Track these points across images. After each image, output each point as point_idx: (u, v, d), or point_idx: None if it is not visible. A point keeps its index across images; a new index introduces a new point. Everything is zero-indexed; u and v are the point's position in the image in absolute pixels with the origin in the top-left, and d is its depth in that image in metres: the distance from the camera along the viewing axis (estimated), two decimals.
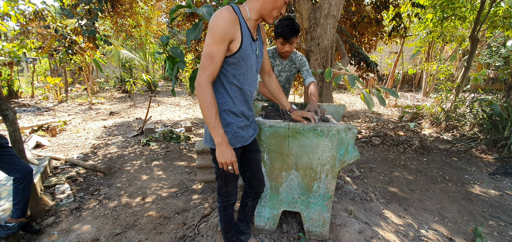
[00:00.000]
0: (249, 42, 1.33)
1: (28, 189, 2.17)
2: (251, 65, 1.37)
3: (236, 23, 1.25)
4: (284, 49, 2.15)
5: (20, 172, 2.10)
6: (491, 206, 3.09)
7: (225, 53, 1.27)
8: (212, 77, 1.26)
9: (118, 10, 4.72)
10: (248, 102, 1.43)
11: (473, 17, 6.25)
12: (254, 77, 1.43)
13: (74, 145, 4.94)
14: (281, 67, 2.39)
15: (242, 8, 1.33)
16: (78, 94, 11.51)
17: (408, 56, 13.72)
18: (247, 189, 1.69)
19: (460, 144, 5.09)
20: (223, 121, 1.38)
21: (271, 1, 1.28)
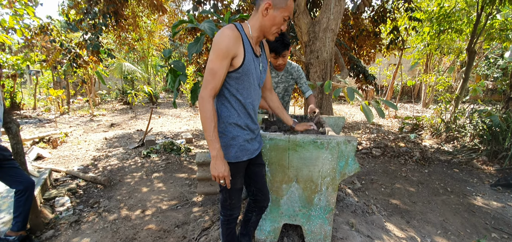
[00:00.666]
0: (252, 58, 1.38)
1: (29, 202, 2.17)
2: (253, 80, 1.40)
3: (239, 40, 1.30)
4: (277, 63, 2.24)
5: (22, 184, 2.10)
6: (493, 218, 3.06)
7: (227, 69, 1.30)
8: (214, 92, 1.30)
9: (122, 25, 4.82)
10: (251, 116, 1.45)
11: (469, 30, 6.35)
12: (257, 92, 1.46)
13: (75, 156, 4.94)
14: (278, 79, 2.46)
15: (245, 25, 1.38)
16: (80, 106, 11.58)
17: (406, 67, 13.85)
18: (251, 203, 1.69)
19: (461, 155, 5.08)
20: (229, 133, 1.40)
21: (270, 18, 1.32)
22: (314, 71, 3.96)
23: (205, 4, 4.65)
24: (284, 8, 1.30)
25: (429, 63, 9.72)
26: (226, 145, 1.41)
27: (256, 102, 1.47)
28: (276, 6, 1.30)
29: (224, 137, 1.40)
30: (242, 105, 1.39)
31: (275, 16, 1.31)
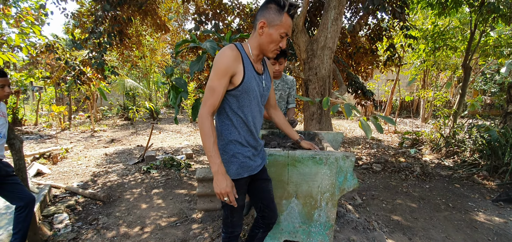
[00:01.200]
0: (253, 76, 1.41)
1: (29, 218, 2.16)
2: (254, 97, 1.43)
3: (238, 59, 1.34)
4: (275, 69, 2.41)
5: (23, 201, 2.11)
6: (496, 234, 3.03)
7: (226, 87, 1.34)
8: (212, 108, 1.33)
9: (126, 43, 4.94)
10: (253, 132, 1.46)
11: (464, 47, 6.50)
12: (258, 109, 1.48)
13: (75, 172, 4.93)
14: (275, 86, 2.60)
15: (245, 45, 1.43)
16: (81, 122, 11.63)
17: (405, 83, 14.01)
18: (258, 219, 1.65)
19: (462, 170, 5.07)
20: (230, 151, 1.42)
21: (266, 36, 1.35)
22: (313, 87, 4.03)
23: (207, 24, 4.79)
24: (278, 25, 1.32)
25: (427, 79, 9.85)
26: (227, 162, 1.42)
27: (257, 120, 1.48)
28: (270, 24, 1.32)
29: (225, 154, 1.42)
30: (243, 122, 1.41)
31: (271, 34, 1.33)
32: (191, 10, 7.46)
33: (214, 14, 5.00)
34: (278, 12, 1.31)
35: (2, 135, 2.07)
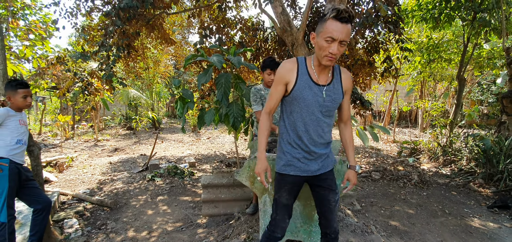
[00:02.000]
0: (307, 85, 1.50)
1: (45, 221, 2.30)
2: (306, 105, 1.51)
3: (292, 70, 1.52)
4: (271, 78, 2.67)
5: (41, 204, 2.25)
6: (490, 238, 3.14)
7: (282, 93, 1.56)
8: (268, 109, 1.60)
9: (132, 56, 5.16)
10: (301, 138, 1.54)
11: (458, 59, 6.72)
12: (312, 117, 1.53)
13: (81, 180, 5.06)
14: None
15: (309, 58, 1.57)
16: (84, 132, 11.78)
17: (403, 93, 14.23)
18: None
19: (458, 178, 5.19)
20: (283, 147, 1.62)
21: (317, 46, 1.46)
22: None
23: (211, 38, 5.01)
24: (322, 32, 1.37)
25: (424, 89, 10.07)
26: (278, 155, 1.64)
27: (311, 127, 1.54)
28: (318, 33, 1.44)
29: (280, 148, 1.63)
30: (293, 126, 1.57)
31: (318, 42, 1.41)
32: (194, 24, 7.73)
33: (218, 28, 5.23)
34: (323, 21, 1.39)
35: (23, 142, 2.23)
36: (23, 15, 6.37)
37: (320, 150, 1.59)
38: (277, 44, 6.18)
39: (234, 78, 3.09)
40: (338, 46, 1.37)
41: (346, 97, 1.63)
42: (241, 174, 1.90)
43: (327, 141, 1.61)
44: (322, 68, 1.51)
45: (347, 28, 1.36)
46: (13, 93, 2.20)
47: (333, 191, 1.62)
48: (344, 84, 1.58)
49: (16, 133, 2.17)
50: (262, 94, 2.76)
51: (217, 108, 3.07)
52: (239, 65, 2.67)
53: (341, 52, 1.40)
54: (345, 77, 1.59)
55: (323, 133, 1.57)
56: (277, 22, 4.44)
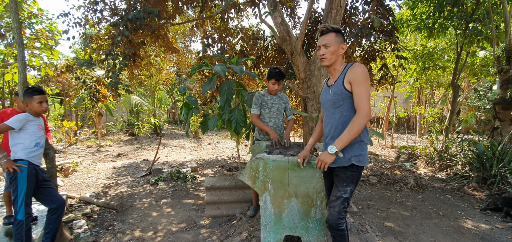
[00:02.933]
0: (324, 90, 1.93)
1: (59, 220, 2.45)
2: (323, 104, 1.92)
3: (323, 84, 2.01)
4: (274, 88, 2.93)
5: (55, 203, 2.40)
6: (481, 238, 3.28)
7: None
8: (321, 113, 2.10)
9: (137, 64, 5.36)
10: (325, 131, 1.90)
11: (453, 67, 6.93)
12: (327, 113, 1.86)
13: (86, 184, 5.20)
14: (272, 101, 3.04)
15: None
16: (87, 137, 11.95)
17: (401, 100, 14.43)
18: None
19: (453, 182, 5.33)
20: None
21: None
22: (311, 104, 4.39)
23: (213, 46, 5.22)
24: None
25: (421, 96, 10.26)
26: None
27: (327, 121, 1.87)
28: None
29: None
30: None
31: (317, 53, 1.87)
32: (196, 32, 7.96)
33: (220, 37, 5.45)
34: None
35: (41, 145, 2.40)
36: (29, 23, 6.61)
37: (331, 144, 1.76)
38: (277, 53, 6.40)
39: (236, 85, 3.28)
40: (323, 49, 1.79)
41: (354, 88, 1.69)
42: (244, 174, 2.07)
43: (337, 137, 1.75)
44: (331, 71, 1.87)
45: (325, 37, 1.79)
46: (29, 100, 2.38)
47: (337, 188, 1.77)
48: (346, 76, 1.74)
49: (34, 137, 2.34)
50: (264, 100, 2.98)
51: (220, 114, 3.24)
52: (241, 73, 2.86)
53: (329, 52, 1.77)
54: (349, 70, 1.74)
55: (334, 128, 1.80)
56: (277, 31, 4.65)
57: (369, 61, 5.94)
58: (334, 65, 1.82)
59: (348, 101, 1.73)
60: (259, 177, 2.05)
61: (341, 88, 1.74)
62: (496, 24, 5.94)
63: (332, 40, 1.76)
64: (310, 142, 2.05)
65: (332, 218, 1.74)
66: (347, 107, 1.74)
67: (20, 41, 2.47)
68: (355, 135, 1.67)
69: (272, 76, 2.86)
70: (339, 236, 1.78)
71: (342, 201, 1.74)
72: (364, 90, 1.66)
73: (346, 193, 1.75)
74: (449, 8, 5.93)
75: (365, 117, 1.65)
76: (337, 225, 1.75)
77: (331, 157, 1.70)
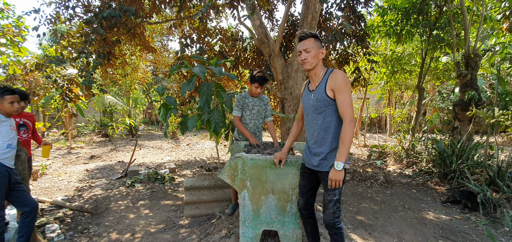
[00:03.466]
0: (305, 94, 2.01)
1: (33, 223, 2.36)
2: (304, 109, 2.00)
3: (304, 86, 2.10)
4: (257, 91, 2.98)
5: (28, 206, 2.32)
6: (441, 228, 3.61)
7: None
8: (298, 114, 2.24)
9: (112, 63, 5.21)
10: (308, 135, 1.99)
11: (418, 71, 7.48)
12: (309, 117, 1.95)
13: (57, 188, 4.97)
14: (253, 103, 3.11)
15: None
16: (56, 139, 11.29)
17: (374, 101, 15.19)
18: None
19: (419, 178, 5.77)
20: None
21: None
22: (288, 105, 4.55)
23: (192, 47, 5.21)
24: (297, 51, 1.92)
25: (391, 97, 10.90)
26: None
27: (310, 125, 1.95)
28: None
29: None
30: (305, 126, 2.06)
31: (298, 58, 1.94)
32: (174, 32, 7.86)
33: (199, 38, 5.45)
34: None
35: (13, 147, 2.30)
36: None
37: (315, 148, 1.90)
38: (255, 54, 6.52)
39: (215, 86, 3.33)
40: (304, 53, 1.86)
41: (337, 96, 1.77)
42: (223, 172, 2.14)
43: (323, 142, 1.85)
44: (311, 76, 1.93)
45: (305, 42, 1.87)
46: (0, 100, 2.28)
47: (327, 192, 1.87)
48: (328, 84, 1.81)
49: (6, 138, 2.25)
50: (246, 102, 3.05)
51: (199, 115, 3.28)
52: (220, 75, 2.92)
53: (310, 56, 1.84)
54: (330, 77, 1.81)
55: (317, 132, 1.88)
56: (255, 34, 4.76)
57: (343, 64, 6.25)
58: (315, 70, 1.88)
59: (331, 107, 1.81)
60: (238, 175, 2.13)
61: (323, 95, 1.81)
62: (456, 32, 6.51)
63: (312, 44, 1.83)
64: (288, 144, 2.15)
65: (328, 219, 1.88)
66: (330, 113, 1.82)
67: None
68: (350, 143, 1.75)
69: (255, 80, 2.91)
70: (336, 234, 1.91)
71: (334, 203, 1.86)
72: (347, 98, 1.75)
73: (335, 195, 1.86)
74: (415, 16, 6.41)
75: (352, 124, 1.74)
76: (334, 224, 1.89)
77: (341, 173, 1.75)
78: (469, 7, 6.14)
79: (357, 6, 5.50)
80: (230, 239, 2.40)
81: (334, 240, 1.94)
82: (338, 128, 1.82)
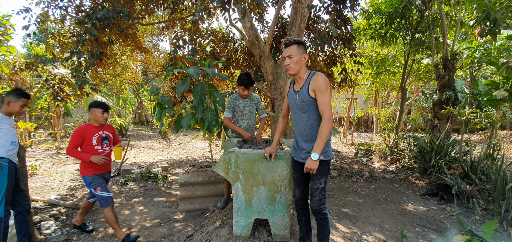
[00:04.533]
0: (290, 94, 2.18)
1: (28, 221, 2.47)
2: (291, 107, 2.18)
3: (288, 85, 2.28)
4: (244, 93, 3.11)
5: (24, 206, 2.42)
6: (419, 218, 3.90)
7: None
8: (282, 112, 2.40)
9: (104, 63, 5.26)
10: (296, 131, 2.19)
11: (401, 72, 7.86)
12: (296, 115, 2.14)
13: (49, 187, 4.98)
14: (244, 104, 3.26)
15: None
16: (43, 140, 11.10)
17: (361, 101, 15.65)
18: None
19: (401, 173, 6.10)
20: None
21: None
22: (278, 104, 4.75)
23: (184, 48, 5.33)
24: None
25: (378, 97, 11.32)
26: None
27: (297, 122, 2.15)
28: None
29: None
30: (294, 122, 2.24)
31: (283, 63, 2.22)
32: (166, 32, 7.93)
33: (191, 39, 5.58)
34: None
35: (16, 144, 2.39)
36: None
37: (302, 143, 2.12)
38: (246, 55, 6.70)
39: (209, 87, 3.49)
40: (287, 59, 2.06)
41: (318, 96, 1.98)
42: (218, 166, 2.31)
43: (308, 138, 2.07)
44: (296, 79, 2.13)
45: (289, 49, 2.06)
46: (15, 100, 2.40)
47: (313, 181, 2.10)
48: (310, 85, 2.02)
49: (9, 135, 2.34)
50: (236, 104, 3.20)
51: (193, 114, 3.42)
52: (214, 76, 3.08)
53: (293, 62, 2.04)
54: (312, 80, 2.02)
55: (303, 128, 2.10)
56: (246, 35, 4.95)
57: (331, 65, 6.51)
58: (299, 74, 2.08)
59: (313, 106, 2.03)
60: (231, 168, 2.30)
61: (306, 96, 2.03)
62: (435, 36, 6.90)
63: (294, 51, 2.03)
64: (276, 139, 2.34)
65: (314, 205, 2.10)
66: (313, 111, 2.05)
67: None
68: (326, 138, 1.96)
69: (241, 83, 3.05)
70: (322, 219, 2.14)
71: (319, 191, 2.08)
72: (326, 98, 1.96)
73: (321, 184, 2.08)
74: (398, 20, 6.75)
75: (330, 121, 1.96)
76: (320, 210, 2.12)
77: (316, 162, 1.96)
78: (447, 12, 6.54)
79: (344, 10, 5.77)
80: (224, 229, 2.57)
81: (320, 225, 2.14)
82: None
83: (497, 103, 5.18)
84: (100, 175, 2.87)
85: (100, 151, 2.84)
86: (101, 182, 2.85)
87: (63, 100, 4.76)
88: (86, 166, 2.77)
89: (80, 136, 2.70)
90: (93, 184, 2.80)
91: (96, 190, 2.79)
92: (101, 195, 2.80)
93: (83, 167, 2.78)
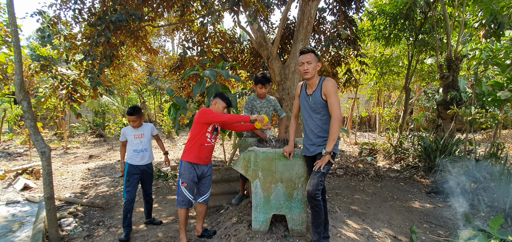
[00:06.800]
0: (303, 96, 2.37)
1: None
2: (303, 108, 2.36)
3: (299, 88, 2.45)
4: (262, 91, 3.21)
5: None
6: (426, 215, 4.00)
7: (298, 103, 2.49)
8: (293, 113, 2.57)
9: (115, 64, 5.37)
10: (306, 130, 2.34)
11: (405, 72, 7.96)
12: (308, 116, 2.31)
13: (63, 186, 5.10)
14: (261, 104, 3.35)
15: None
16: (48, 140, 11.21)
17: (363, 101, 15.75)
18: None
19: (406, 172, 6.20)
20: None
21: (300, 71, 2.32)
22: (285, 105, 4.86)
23: (193, 49, 5.44)
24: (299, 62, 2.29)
25: (380, 97, 11.42)
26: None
27: (307, 122, 2.32)
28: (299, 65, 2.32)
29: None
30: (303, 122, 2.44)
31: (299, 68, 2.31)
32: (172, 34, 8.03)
33: (199, 41, 5.68)
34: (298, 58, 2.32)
35: (138, 151, 2.92)
36: None
37: (315, 139, 2.29)
38: (252, 56, 6.80)
39: (222, 87, 3.60)
40: (306, 65, 2.23)
41: (328, 99, 2.21)
42: (238, 164, 2.42)
43: (318, 134, 2.27)
44: (309, 83, 2.31)
45: (307, 55, 2.24)
46: (140, 115, 3.16)
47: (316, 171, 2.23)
48: (322, 89, 2.25)
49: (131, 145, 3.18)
50: (254, 104, 3.29)
51: None
52: (227, 77, 3.19)
53: (311, 67, 2.23)
54: (323, 84, 2.25)
55: (314, 127, 2.29)
56: (254, 37, 5.05)
57: (336, 66, 6.61)
58: (313, 79, 2.29)
59: (325, 108, 2.26)
60: (250, 166, 2.41)
61: (319, 99, 2.26)
62: (439, 37, 7.00)
63: (312, 58, 2.25)
64: (292, 138, 2.46)
65: (310, 188, 2.18)
66: (325, 112, 2.27)
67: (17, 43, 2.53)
68: (337, 135, 2.17)
69: (258, 81, 3.14)
70: (315, 206, 2.21)
71: (319, 175, 2.17)
72: (335, 100, 2.19)
73: (323, 169, 2.20)
74: (402, 21, 6.85)
75: (339, 120, 2.17)
76: (315, 194, 2.17)
77: (328, 157, 2.15)
78: (451, 13, 6.63)
79: (349, 12, 5.88)
80: (241, 225, 2.67)
81: (314, 211, 2.25)
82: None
83: (501, 104, 5.29)
84: (195, 167, 2.64)
85: (208, 141, 2.67)
86: (193, 176, 2.64)
87: (77, 101, 4.87)
88: (189, 150, 2.62)
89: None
90: (184, 176, 2.62)
91: (182, 185, 2.63)
92: (184, 192, 2.65)
93: (186, 151, 2.65)
